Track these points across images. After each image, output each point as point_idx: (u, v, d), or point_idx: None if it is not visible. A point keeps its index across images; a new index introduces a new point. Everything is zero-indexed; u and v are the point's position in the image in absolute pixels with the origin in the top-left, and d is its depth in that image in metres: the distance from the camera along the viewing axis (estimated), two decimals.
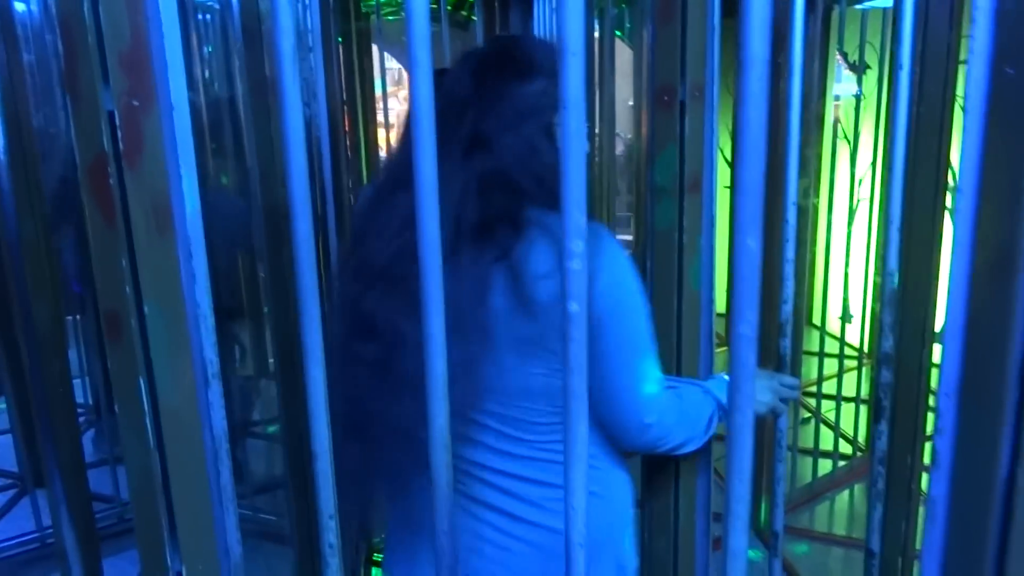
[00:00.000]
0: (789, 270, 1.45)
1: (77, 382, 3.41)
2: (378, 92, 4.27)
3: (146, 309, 0.92)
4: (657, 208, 1.44)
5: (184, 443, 0.95)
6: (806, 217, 3.89)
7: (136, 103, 0.89)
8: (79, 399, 3.78)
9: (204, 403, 0.96)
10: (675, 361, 1.52)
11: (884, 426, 1.42)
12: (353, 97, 3.96)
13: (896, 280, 1.28)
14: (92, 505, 2.05)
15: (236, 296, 3.06)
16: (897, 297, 1.37)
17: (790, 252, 1.44)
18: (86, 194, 0.91)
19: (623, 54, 5.18)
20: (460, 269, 1.14)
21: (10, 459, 3.20)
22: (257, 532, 2.92)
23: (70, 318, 3.89)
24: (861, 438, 3.51)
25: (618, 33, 4.73)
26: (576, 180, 0.75)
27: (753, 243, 0.72)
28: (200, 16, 3.27)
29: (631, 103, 5.22)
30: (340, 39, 3.65)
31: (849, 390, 3.62)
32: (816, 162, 4.11)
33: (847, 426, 3.56)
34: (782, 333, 1.51)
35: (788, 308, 1.47)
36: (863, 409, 3.43)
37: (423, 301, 0.74)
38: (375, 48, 5.47)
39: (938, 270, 1.89)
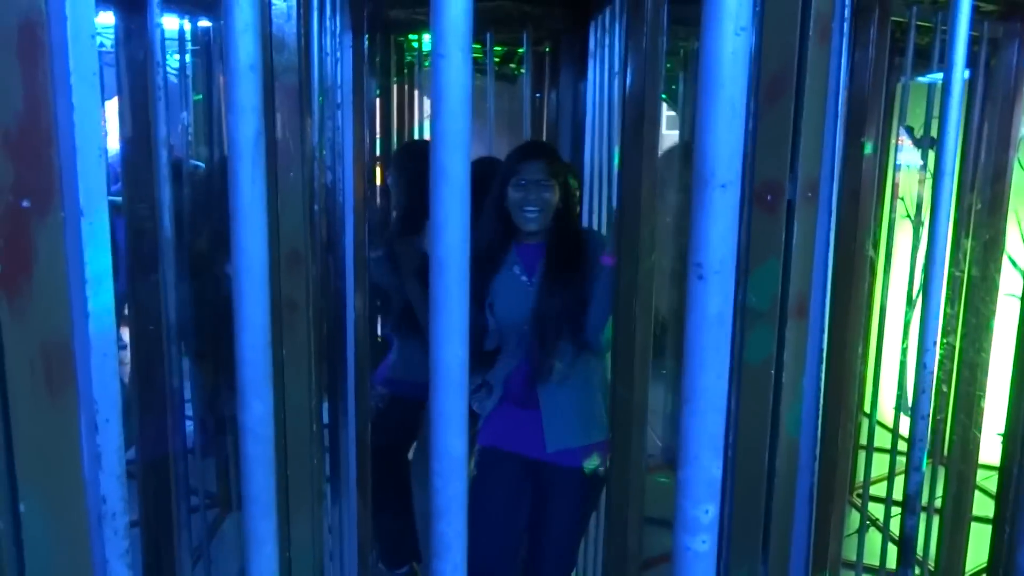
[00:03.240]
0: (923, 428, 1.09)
1: None
2: None
3: (22, 507, 0.61)
4: (749, 337, 1.11)
5: None
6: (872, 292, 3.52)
7: (27, 204, 0.59)
8: None
9: None
10: (763, 529, 1.17)
11: None
12: (390, 153, 3.71)
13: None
14: None
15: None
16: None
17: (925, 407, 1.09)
18: None
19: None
20: None
21: None
22: None
23: None
24: (931, 551, 3.08)
25: (664, 96, 4.45)
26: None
27: None
28: (185, 58, 3.02)
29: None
30: (379, 92, 3.42)
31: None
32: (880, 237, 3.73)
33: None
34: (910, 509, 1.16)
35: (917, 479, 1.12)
36: (925, 516, 3.02)
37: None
38: (416, 96, 5.25)
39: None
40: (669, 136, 4.86)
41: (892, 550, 3.03)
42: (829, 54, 1.06)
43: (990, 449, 3.35)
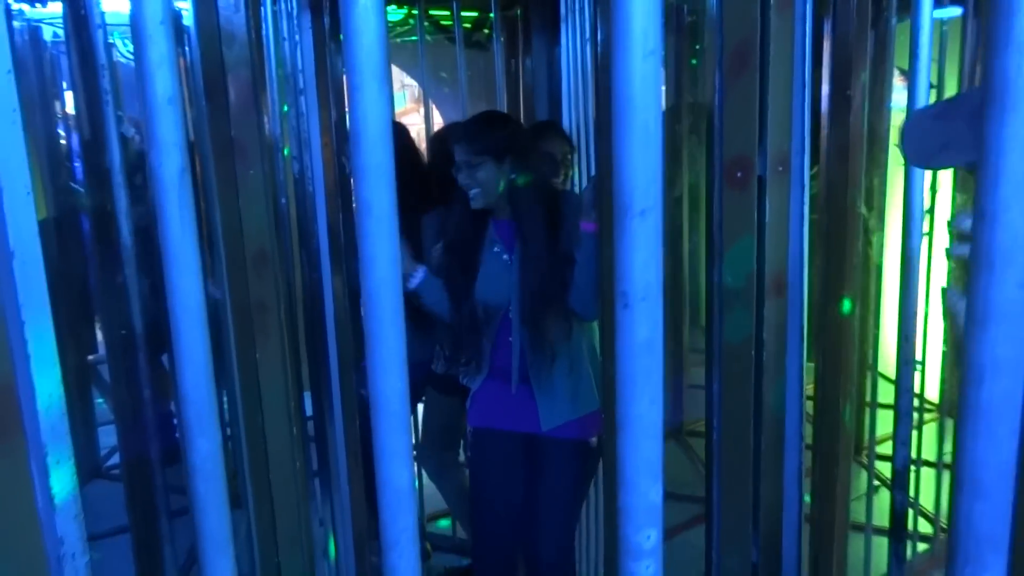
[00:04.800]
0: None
1: None
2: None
3: None
4: (728, 316, 1.12)
5: None
6: (867, 250, 3.53)
7: None
8: None
9: None
10: (752, 508, 1.19)
11: None
12: None
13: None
14: None
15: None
16: None
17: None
18: None
19: None
20: None
21: None
22: None
23: None
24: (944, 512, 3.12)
25: None
26: None
27: None
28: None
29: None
30: (345, 71, 3.37)
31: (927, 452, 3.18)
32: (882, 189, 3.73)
33: (926, 500, 3.16)
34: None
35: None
36: (946, 476, 3.05)
37: None
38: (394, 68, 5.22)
39: None
40: None
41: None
42: (793, 21, 1.06)
43: None
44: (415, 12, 3.50)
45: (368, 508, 2.51)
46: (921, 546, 2.99)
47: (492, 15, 3.31)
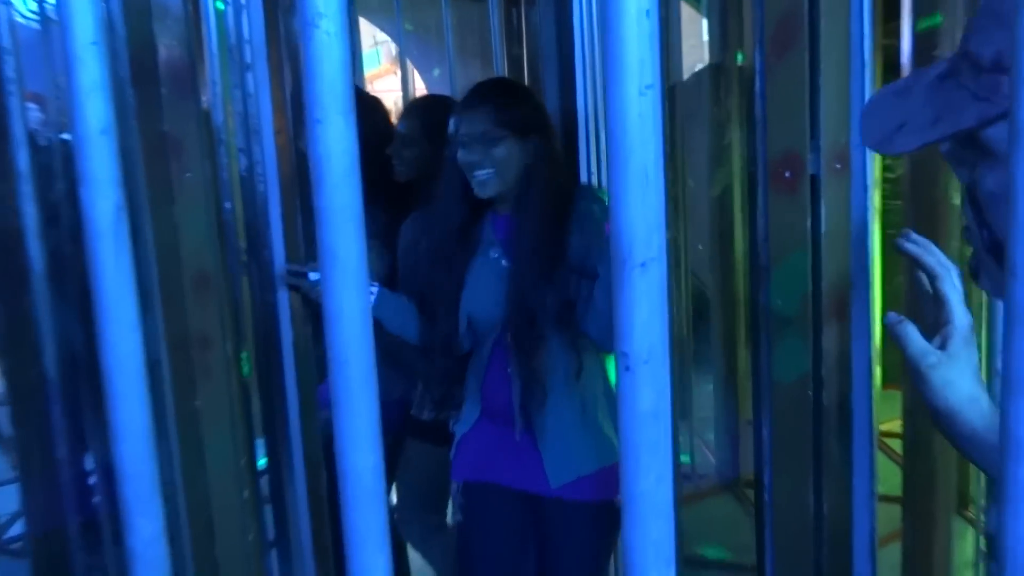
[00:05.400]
0: None
1: None
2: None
3: None
4: (778, 348, 1.17)
5: None
6: (964, 251, 3.56)
7: None
8: None
9: None
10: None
11: None
12: None
13: None
14: None
15: None
16: None
17: None
18: None
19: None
20: None
21: None
22: None
23: None
24: None
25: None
26: None
27: None
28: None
29: (701, 67, 4.89)
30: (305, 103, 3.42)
31: None
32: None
33: None
34: None
35: None
36: None
37: None
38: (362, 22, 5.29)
39: None
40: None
41: None
42: None
43: None
44: None
45: None
46: None
47: None
